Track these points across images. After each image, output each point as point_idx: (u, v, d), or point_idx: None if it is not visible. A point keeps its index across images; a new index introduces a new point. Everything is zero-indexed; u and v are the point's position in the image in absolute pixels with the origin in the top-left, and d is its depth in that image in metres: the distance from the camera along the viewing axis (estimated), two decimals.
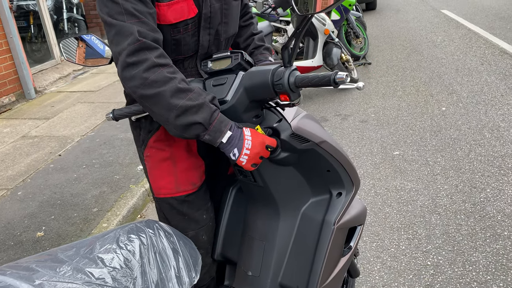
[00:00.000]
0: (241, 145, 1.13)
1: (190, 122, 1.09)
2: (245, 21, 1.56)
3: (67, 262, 0.94)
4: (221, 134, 1.12)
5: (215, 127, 1.11)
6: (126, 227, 1.07)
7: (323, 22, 4.72)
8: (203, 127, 1.10)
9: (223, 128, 1.12)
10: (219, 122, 1.12)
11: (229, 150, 1.14)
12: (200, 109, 1.10)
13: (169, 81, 1.08)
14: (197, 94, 1.11)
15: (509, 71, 4.81)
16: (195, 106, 1.09)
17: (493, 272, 2.06)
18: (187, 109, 1.08)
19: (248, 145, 1.14)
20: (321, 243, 1.31)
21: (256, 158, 1.16)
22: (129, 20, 1.09)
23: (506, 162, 3.00)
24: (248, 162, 1.15)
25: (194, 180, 1.38)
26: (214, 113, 1.12)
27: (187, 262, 1.10)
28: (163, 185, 1.37)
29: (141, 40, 1.08)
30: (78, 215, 2.79)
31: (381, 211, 2.64)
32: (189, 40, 1.27)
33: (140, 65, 1.07)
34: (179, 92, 1.09)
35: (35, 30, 6.09)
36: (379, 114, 4.14)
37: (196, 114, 1.09)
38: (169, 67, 1.11)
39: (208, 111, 1.11)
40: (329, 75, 1.07)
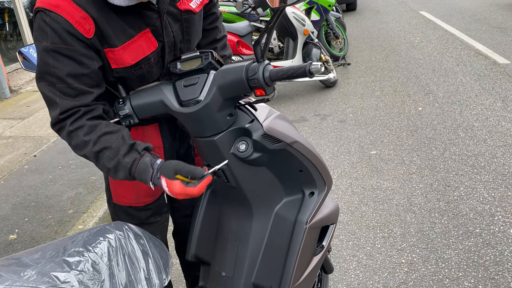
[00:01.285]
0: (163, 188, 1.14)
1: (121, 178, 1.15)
2: (210, 24, 1.50)
3: (32, 266, 0.92)
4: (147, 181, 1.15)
5: (138, 177, 1.15)
6: (94, 230, 1.05)
7: (303, 23, 4.75)
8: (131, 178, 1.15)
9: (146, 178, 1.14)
10: (139, 174, 1.14)
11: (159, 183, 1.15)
12: (118, 171, 1.14)
13: (86, 145, 1.12)
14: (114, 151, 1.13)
15: (483, 72, 4.92)
16: (112, 168, 1.14)
17: (465, 269, 2.11)
18: (109, 170, 1.15)
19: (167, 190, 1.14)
20: (294, 243, 1.32)
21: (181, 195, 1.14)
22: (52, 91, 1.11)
23: (479, 161, 3.07)
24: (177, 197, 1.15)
25: (154, 192, 1.40)
26: (132, 167, 1.13)
27: (157, 263, 1.10)
28: (124, 195, 1.39)
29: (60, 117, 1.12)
30: (53, 217, 2.74)
31: (357, 210, 2.67)
32: (153, 70, 1.26)
33: (61, 132, 1.14)
34: (97, 154, 1.13)
35: (10, 28, 5.96)
36: (357, 114, 4.19)
37: (117, 174, 1.14)
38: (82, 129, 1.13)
39: (125, 169, 1.13)
40: (303, 65, 1.08)
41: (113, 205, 1.44)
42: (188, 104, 1.18)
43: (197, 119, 1.19)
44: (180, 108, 1.19)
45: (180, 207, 1.63)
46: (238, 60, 1.37)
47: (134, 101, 1.22)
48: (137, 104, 1.22)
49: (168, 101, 1.20)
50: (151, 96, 1.22)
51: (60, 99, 1.10)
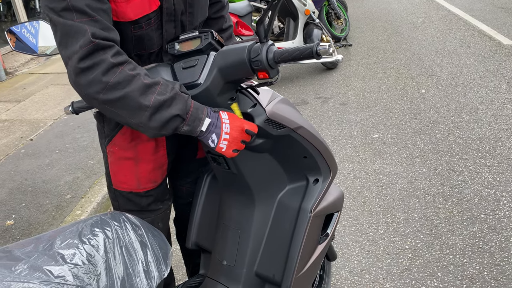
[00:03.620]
0: (219, 130, 1.06)
1: (167, 118, 1.01)
2: (215, 13, 1.45)
3: (24, 260, 0.87)
4: (200, 122, 1.05)
5: (193, 116, 1.04)
6: (89, 220, 1.00)
7: (304, 3, 4.63)
8: (181, 119, 1.03)
9: (200, 115, 1.05)
10: (195, 110, 1.05)
11: (207, 137, 1.07)
12: (174, 101, 1.02)
13: (133, 79, 0.99)
14: (165, 86, 1.03)
15: (487, 53, 4.83)
16: (168, 99, 1.01)
17: (470, 255, 2.08)
18: (161, 105, 1.00)
19: (227, 129, 1.07)
20: (298, 231, 1.27)
21: (236, 143, 1.09)
22: (78, 18, 0.96)
23: (484, 145, 3.02)
24: (228, 148, 1.08)
25: (155, 178, 1.35)
26: (188, 101, 1.05)
27: (156, 255, 1.05)
28: (124, 180, 1.33)
29: (94, 42, 0.95)
30: (51, 202, 2.70)
31: (360, 195, 2.63)
32: (152, 35, 1.18)
33: (97, 68, 0.96)
34: (147, 88, 1.00)
35: (4, 8, 5.82)
36: (359, 96, 4.11)
37: (171, 107, 1.01)
38: (128, 64, 1.01)
39: (183, 101, 1.03)
40: (310, 46, 1.01)
41: (113, 191, 1.39)
42: (187, 87, 1.12)
43: None
44: None
45: (182, 193, 1.58)
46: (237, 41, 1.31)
47: None
48: None
49: None
50: None
51: (89, 26, 0.96)
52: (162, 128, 1.02)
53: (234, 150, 1.09)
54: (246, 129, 1.10)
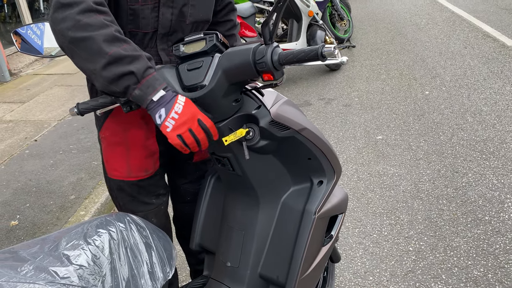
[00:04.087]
0: (170, 107, 1.03)
1: (121, 72, 0.99)
2: (224, 16, 1.47)
3: (30, 261, 0.87)
4: (154, 91, 1.02)
5: (148, 82, 1.02)
6: (94, 221, 1.01)
7: (307, 4, 4.63)
8: (135, 78, 1.00)
9: (157, 85, 1.03)
10: (154, 79, 1.03)
11: (156, 111, 1.03)
12: (135, 60, 1.01)
13: (105, 27, 0.99)
14: (133, 48, 1.02)
15: (491, 54, 4.81)
16: (129, 56, 1.00)
17: (474, 257, 2.07)
18: (120, 58, 0.99)
19: (178, 109, 1.03)
20: (302, 233, 1.27)
21: (184, 128, 1.04)
22: None
23: (488, 147, 3.01)
24: (173, 130, 1.03)
25: (147, 167, 1.36)
26: (150, 69, 1.03)
27: (160, 256, 1.05)
28: (116, 167, 1.35)
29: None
30: (55, 203, 2.71)
31: (363, 197, 2.62)
32: (148, 14, 1.19)
33: (75, 7, 0.97)
34: (115, 40, 0.99)
35: (9, 9, 5.85)
36: (362, 98, 4.11)
37: (129, 64, 1.00)
38: (107, 15, 1.01)
39: (144, 64, 1.02)
40: (315, 48, 1.01)
41: (108, 180, 1.41)
42: (191, 89, 1.12)
43: (201, 105, 1.13)
44: (183, 93, 1.13)
45: (180, 192, 1.59)
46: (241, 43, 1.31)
47: None
48: None
49: (170, 86, 1.14)
50: None
51: None
52: (113, 82, 1.00)
53: (178, 136, 1.04)
54: (198, 118, 1.06)
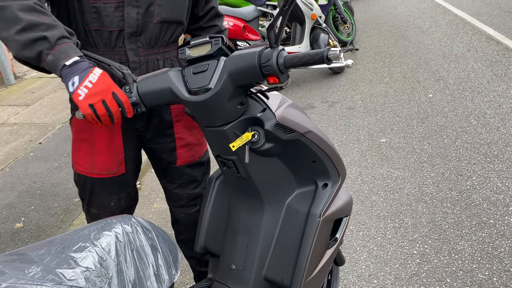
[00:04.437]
0: (84, 75, 1.02)
1: (34, 37, 0.99)
2: (208, 22, 1.45)
3: (37, 263, 0.88)
4: (67, 56, 1.01)
5: (63, 48, 1.01)
6: (100, 223, 1.01)
7: (311, 7, 4.64)
8: (48, 44, 1.00)
9: (71, 52, 1.02)
10: (69, 47, 1.02)
11: (69, 78, 1.02)
12: (51, 28, 1.00)
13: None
14: (52, 19, 1.02)
15: (495, 57, 4.81)
16: (45, 24, 1.00)
17: (479, 260, 2.06)
18: (35, 25, 0.99)
19: (93, 79, 1.03)
20: (306, 236, 1.27)
21: (97, 98, 1.04)
22: None
23: (492, 150, 3.00)
24: (85, 99, 1.03)
25: (109, 166, 1.36)
26: (65, 38, 1.02)
27: (166, 259, 1.05)
28: (80, 162, 1.36)
29: None
30: (59, 205, 2.72)
31: (367, 200, 2.62)
32: (111, 13, 1.19)
33: None
34: (32, 10, 0.99)
35: None
36: (366, 101, 4.11)
37: (44, 31, 0.99)
38: None
39: (60, 32, 1.01)
40: (321, 51, 1.02)
41: (75, 175, 1.42)
42: (197, 92, 1.13)
43: (206, 108, 1.13)
44: (189, 96, 1.13)
45: (172, 197, 1.58)
46: (245, 46, 1.32)
47: (141, 89, 1.17)
48: (144, 92, 1.17)
49: (176, 89, 1.15)
50: (158, 84, 1.17)
51: None
52: (26, 46, 1.00)
53: (90, 105, 1.04)
54: (113, 91, 1.07)
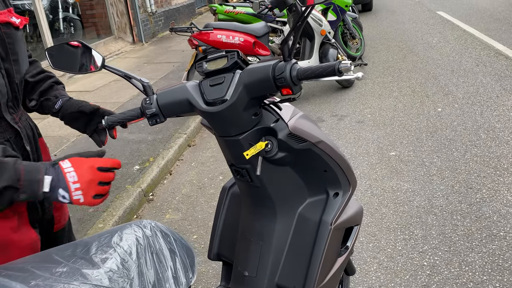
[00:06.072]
0: (64, 184, 0.95)
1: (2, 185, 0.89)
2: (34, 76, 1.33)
3: (63, 263, 0.93)
4: (39, 184, 0.93)
5: (27, 181, 0.92)
6: (122, 227, 1.06)
7: (320, 23, 4.73)
8: (13, 189, 0.91)
9: (37, 176, 0.93)
10: (28, 173, 0.93)
11: (56, 196, 0.95)
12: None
13: None
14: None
15: (504, 72, 4.83)
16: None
17: (489, 272, 2.07)
18: None
19: (74, 178, 0.95)
20: (318, 244, 1.31)
21: (93, 187, 0.98)
22: None
23: (502, 163, 3.01)
24: (86, 197, 0.97)
25: None
26: (16, 165, 0.92)
27: (183, 262, 1.10)
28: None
29: None
30: (74, 216, 2.77)
31: (377, 212, 2.64)
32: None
33: None
34: None
35: (31, 29, 6.06)
36: (375, 114, 4.15)
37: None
38: None
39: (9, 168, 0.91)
40: (333, 64, 1.07)
41: None
42: (214, 103, 1.18)
43: (222, 118, 1.19)
44: (206, 107, 1.19)
45: None
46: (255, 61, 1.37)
47: (160, 100, 1.23)
48: (163, 104, 1.23)
49: (194, 100, 1.20)
50: (177, 95, 1.22)
51: None
52: None
53: (95, 196, 0.98)
54: (97, 167, 0.99)
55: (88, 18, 7.54)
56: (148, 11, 8.37)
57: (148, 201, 3.10)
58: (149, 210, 3.00)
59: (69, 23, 7.06)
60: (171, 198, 3.12)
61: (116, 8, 7.69)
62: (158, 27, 8.81)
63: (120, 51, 7.45)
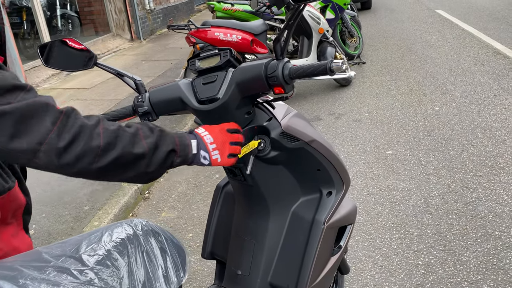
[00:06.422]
0: (204, 146, 1.04)
1: (162, 158, 0.95)
2: None
3: (52, 262, 0.92)
4: (189, 147, 1.01)
5: (182, 145, 1.00)
6: (113, 226, 1.05)
7: (318, 21, 4.72)
8: (174, 152, 0.98)
9: (186, 141, 1.02)
10: (180, 138, 1.01)
11: (199, 158, 1.04)
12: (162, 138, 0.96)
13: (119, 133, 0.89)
14: (145, 127, 0.97)
15: (502, 71, 4.83)
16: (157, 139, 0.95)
17: (484, 271, 2.07)
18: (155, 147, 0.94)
19: (210, 139, 1.05)
20: (311, 243, 1.30)
21: (227, 147, 1.07)
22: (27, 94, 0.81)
23: (498, 162, 3.01)
24: (222, 156, 1.06)
25: None
26: (171, 132, 1.01)
27: (175, 261, 1.09)
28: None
29: (62, 111, 0.83)
30: (69, 213, 2.77)
31: (373, 210, 2.64)
32: None
33: (80, 138, 0.83)
34: (134, 137, 0.91)
35: (28, 26, 6.05)
36: (372, 113, 4.15)
37: (162, 146, 0.96)
38: (103, 121, 0.90)
39: (169, 135, 0.99)
40: (324, 63, 1.06)
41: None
42: (206, 102, 1.17)
43: (215, 117, 1.18)
44: (198, 105, 1.18)
45: None
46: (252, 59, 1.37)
47: (152, 98, 1.22)
48: (156, 101, 1.22)
49: (186, 98, 1.20)
50: (169, 93, 1.22)
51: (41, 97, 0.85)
52: (159, 170, 0.97)
53: (229, 155, 1.07)
54: (227, 129, 1.09)
55: (86, 15, 7.52)
56: (146, 8, 8.35)
57: (144, 199, 3.09)
58: (145, 208, 2.99)
59: (67, 20, 7.04)
60: (167, 196, 3.12)
61: (114, 5, 7.67)
62: (156, 24, 8.79)
63: (118, 49, 7.43)
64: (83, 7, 7.46)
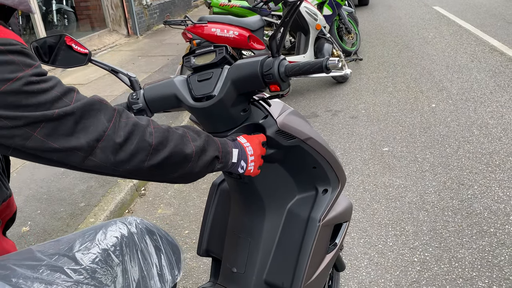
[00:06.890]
0: (245, 156, 1.08)
1: (207, 162, 0.97)
2: None
3: (46, 261, 0.92)
4: (230, 155, 1.04)
5: (224, 152, 1.02)
6: (107, 224, 1.05)
7: (315, 17, 4.70)
8: (217, 159, 1.00)
9: (228, 148, 1.04)
10: (223, 145, 1.03)
11: (237, 167, 1.07)
12: (208, 144, 0.98)
13: (169, 133, 0.91)
14: (192, 131, 0.98)
15: (498, 68, 4.84)
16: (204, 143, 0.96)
17: (479, 268, 2.08)
18: (201, 151, 0.95)
19: (251, 151, 1.10)
20: (306, 240, 1.30)
21: (259, 160, 1.13)
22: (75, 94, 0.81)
23: (494, 159, 3.02)
24: (255, 168, 1.12)
25: None
26: (215, 139, 1.02)
27: (169, 259, 1.09)
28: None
29: (115, 109, 0.85)
30: (65, 210, 2.76)
31: (369, 207, 2.64)
32: None
33: (134, 136, 0.84)
34: (182, 138, 0.93)
35: (23, 21, 6.00)
36: (369, 110, 4.14)
37: (208, 151, 0.97)
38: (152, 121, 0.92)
39: (214, 141, 1.01)
40: (320, 61, 1.06)
41: None
42: (201, 99, 1.17)
43: (210, 114, 1.17)
44: (193, 103, 1.17)
45: None
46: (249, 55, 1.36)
47: (147, 95, 1.21)
48: (150, 98, 1.21)
49: (181, 95, 1.19)
50: (164, 90, 1.21)
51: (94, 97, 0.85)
52: (203, 172, 0.98)
53: (259, 167, 1.14)
54: (262, 142, 1.14)
55: (82, 10, 7.47)
56: (143, 3, 8.30)
57: (140, 196, 3.09)
58: (141, 205, 2.99)
59: (62, 15, 6.99)
60: (163, 193, 3.11)
61: (110, 0, 7.62)
62: (153, 20, 8.75)
63: (115, 44, 7.40)
64: (79, 2, 7.41)
